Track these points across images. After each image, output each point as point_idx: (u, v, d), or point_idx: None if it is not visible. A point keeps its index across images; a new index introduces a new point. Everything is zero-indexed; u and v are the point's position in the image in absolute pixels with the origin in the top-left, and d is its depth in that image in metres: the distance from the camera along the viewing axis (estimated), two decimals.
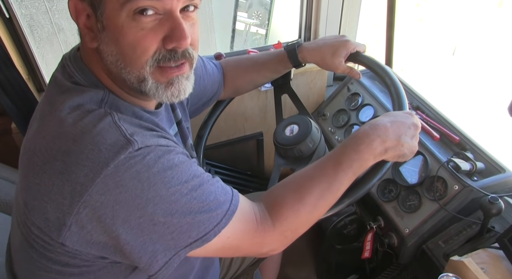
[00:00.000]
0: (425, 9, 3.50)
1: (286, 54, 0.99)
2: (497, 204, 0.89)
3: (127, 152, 0.53)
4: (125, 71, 0.59)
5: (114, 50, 0.58)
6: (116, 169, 0.52)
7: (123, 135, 0.54)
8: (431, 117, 1.24)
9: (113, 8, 0.55)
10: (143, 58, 0.58)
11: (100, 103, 0.59)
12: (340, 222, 1.24)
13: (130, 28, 0.56)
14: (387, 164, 0.76)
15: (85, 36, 0.59)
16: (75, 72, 0.62)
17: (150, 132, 0.59)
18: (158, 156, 0.56)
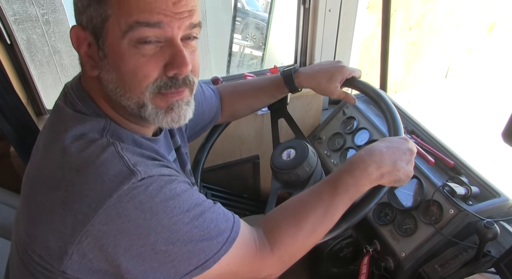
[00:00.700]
0: (417, 33, 3.58)
1: (283, 80, 1.01)
2: (493, 229, 0.90)
3: (130, 182, 0.53)
4: (125, 97, 0.60)
5: (114, 77, 0.59)
6: (119, 199, 0.53)
7: (126, 166, 0.55)
8: (426, 141, 1.26)
9: (115, 36, 0.56)
10: (143, 84, 0.59)
11: (102, 132, 0.60)
12: (336, 245, 1.24)
13: (131, 55, 0.57)
14: (383, 188, 0.77)
15: (85, 65, 0.61)
16: (77, 101, 0.63)
17: (152, 162, 0.60)
18: (160, 186, 0.56)
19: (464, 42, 3.85)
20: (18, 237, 0.61)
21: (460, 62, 4.01)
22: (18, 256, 0.61)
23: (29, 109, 1.24)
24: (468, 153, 1.33)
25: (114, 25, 0.55)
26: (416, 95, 3.92)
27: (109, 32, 0.56)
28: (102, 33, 0.57)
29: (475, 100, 3.78)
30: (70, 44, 0.61)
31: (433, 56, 3.83)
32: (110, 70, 0.59)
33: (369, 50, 3.45)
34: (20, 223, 0.60)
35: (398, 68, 3.73)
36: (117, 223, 0.53)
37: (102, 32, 0.57)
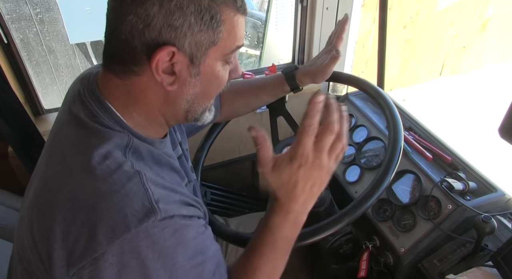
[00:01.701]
0: (412, 31, 3.60)
1: (284, 78, 1.01)
2: (490, 223, 0.91)
3: (150, 220, 0.54)
4: (198, 105, 0.67)
5: (199, 90, 0.64)
6: (136, 235, 0.53)
7: (149, 201, 0.55)
8: (424, 138, 1.27)
9: (215, 58, 0.62)
10: (219, 91, 0.69)
11: (125, 150, 0.60)
12: (336, 241, 1.24)
13: (222, 72, 0.66)
14: (383, 185, 0.79)
15: (162, 81, 0.60)
16: (99, 112, 0.62)
17: (174, 196, 0.60)
18: (175, 230, 0.57)
19: (458, 40, 3.87)
20: (22, 246, 0.60)
21: (454, 59, 4.03)
22: (21, 265, 0.61)
23: (27, 109, 1.24)
24: (465, 148, 1.35)
25: (219, 49, 0.62)
26: (411, 93, 3.95)
27: (210, 54, 0.61)
28: (202, 55, 0.61)
29: (471, 97, 3.81)
30: (64, 44, 0.60)
31: (428, 54, 3.86)
32: (198, 85, 0.64)
33: (364, 48, 3.46)
34: (27, 231, 0.59)
35: (393, 66, 3.75)
36: (126, 257, 0.53)
37: (203, 55, 0.61)
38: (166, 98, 0.64)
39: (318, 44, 1.50)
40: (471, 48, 4.02)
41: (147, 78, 0.60)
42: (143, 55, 0.58)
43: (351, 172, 1.31)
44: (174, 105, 0.65)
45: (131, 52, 0.58)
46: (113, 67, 0.62)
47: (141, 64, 0.59)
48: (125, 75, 0.61)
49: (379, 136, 1.29)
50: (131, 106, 0.64)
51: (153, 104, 0.64)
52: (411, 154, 1.19)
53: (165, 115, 0.67)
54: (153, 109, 0.65)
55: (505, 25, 4.01)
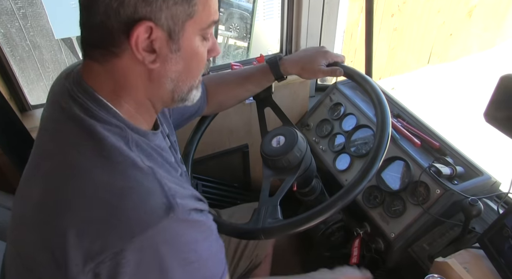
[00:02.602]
0: (399, 19, 3.61)
1: (268, 67, 1.02)
2: (477, 206, 0.93)
3: (169, 216, 0.55)
4: (183, 84, 0.67)
5: (181, 67, 0.64)
6: (157, 231, 0.53)
7: (166, 197, 0.56)
8: (412, 124, 1.29)
9: (193, 32, 0.62)
10: (201, 70, 0.69)
11: (129, 144, 0.60)
12: (327, 229, 1.26)
13: (201, 48, 0.65)
14: (372, 171, 0.80)
15: (144, 60, 0.59)
16: (92, 107, 0.61)
17: (184, 190, 0.61)
18: (191, 225, 0.59)
19: (445, 27, 3.89)
20: (25, 246, 0.59)
21: (442, 47, 4.06)
22: (22, 264, 0.60)
23: (12, 105, 1.22)
24: (452, 134, 1.36)
25: (195, 23, 0.61)
26: (400, 81, 3.97)
27: (187, 28, 0.61)
28: (180, 30, 0.60)
29: (458, 84, 3.85)
30: (50, 39, 0.59)
31: (416, 42, 3.87)
32: (180, 62, 0.63)
33: (352, 38, 3.47)
34: (32, 231, 0.58)
35: (382, 55, 3.76)
36: (146, 253, 0.53)
37: (181, 29, 0.60)
38: (149, 79, 0.63)
39: (305, 34, 1.50)
40: (457, 35, 4.04)
41: (128, 59, 0.60)
42: (121, 34, 0.57)
43: (341, 160, 1.33)
44: (158, 85, 0.64)
45: (108, 34, 0.57)
46: (93, 54, 0.61)
47: (120, 45, 0.58)
48: (106, 60, 0.60)
49: (368, 124, 1.30)
50: (118, 93, 0.63)
51: (138, 87, 0.63)
52: (399, 141, 1.20)
53: (151, 99, 0.67)
54: (139, 93, 0.64)
55: (490, 12, 4.04)
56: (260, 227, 0.82)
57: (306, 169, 0.99)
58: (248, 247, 1.16)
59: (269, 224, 0.82)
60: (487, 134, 2.65)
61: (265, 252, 1.22)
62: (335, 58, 1.00)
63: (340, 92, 1.45)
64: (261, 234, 0.81)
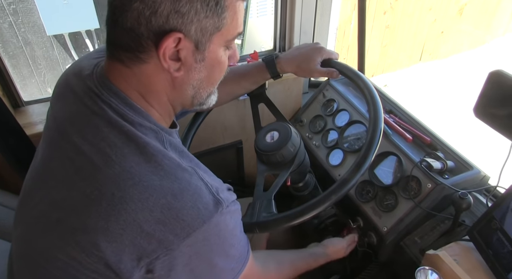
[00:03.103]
0: (391, 17, 3.64)
1: (265, 65, 1.03)
2: (467, 199, 0.95)
3: (218, 211, 0.59)
4: (203, 90, 0.69)
5: (203, 75, 0.66)
6: (209, 226, 0.58)
7: (212, 194, 0.60)
8: (404, 120, 1.31)
9: (218, 43, 0.64)
10: (222, 77, 0.72)
11: (166, 145, 0.63)
12: (321, 224, 1.27)
13: (224, 57, 0.67)
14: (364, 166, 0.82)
15: (169, 68, 0.61)
16: (124, 109, 0.61)
17: (221, 184, 0.66)
18: (233, 215, 0.65)
19: (436, 25, 3.93)
20: (49, 249, 0.58)
21: (433, 44, 4.10)
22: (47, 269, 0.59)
23: (5, 101, 1.22)
24: (444, 129, 1.38)
25: (222, 35, 0.63)
26: (392, 78, 4.00)
27: (214, 40, 0.62)
28: (207, 41, 0.62)
29: (450, 81, 3.89)
30: (41, 35, 0.60)
31: (408, 40, 3.91)
32: (203, 71, 0.65)
33: (345, 35, 3.49)
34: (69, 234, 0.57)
35: (374, 52, 3.79)
36: (198, 246, 0.59)
37: (207, 41, 0.62)
38: (173, 85, 0.65)
39: (298, 31, 1.51)
40: (449, 33, 4.09)
41: (154, 65, 0.61)
42: (149, 42, 0.58)
43: (334, 155, 1.34)
44: (180, 91, 0.66)
45: (137, 40, 0.58)
46: (120, 56, 0.61)
47: (147, 51, 0.59)
48: (133, 64, 0.61)
49: (360, 120, 1.32)
50: (145, 97, 0.64)
51: (162, 92, 0.65)
52: (391, 136, 1.22)
53: (172, 103, 0.68)
54: (162, 97, 0.66)
55: (480, 10, 4.09)
56: (255, 221, 0.83)
57: (299, 164, 1.00)
58: None
59: (263, 218, 0.83)
60: (477, 129, 2.69)
61: (259, 247, 1.23)
62: (329, 55, 1.02)
63: (333, 89, 1.46)
64: (256, 228, 0.83)
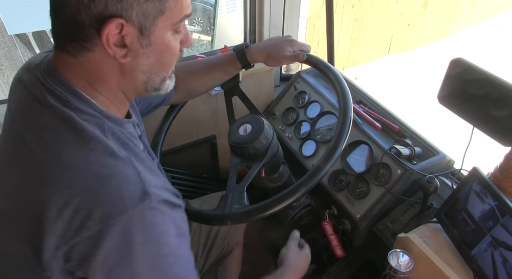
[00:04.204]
0: (359, 10, 3.71)
1: (235, 55, 1.03)
2: (434, 183, 0.99)
3: (144, 203, 0.56)
4: (156, 75, 0.68)
5: (152, 61, 0.65)
6: (131, 217, 0.55)
7: (142, 184, 0.58)
8: (373, 109, 1.34)
9: (164, 27, 0.63)
10: (174, 62, 0.70)
11: (106, 133, 0.61)
12: (296, 214, 1.29)
13: (174, 41, 0.66)
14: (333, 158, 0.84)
15: (115, 55, 0.60)
16: (67, 96, 0.61)
17: (158, 180, 0.63)
18: (163, 217, 0.59)
19: (403, 18, 4.03)
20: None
21: (401, 37, 4.20)
22: None
23: None
24: (411, 117, 1.43)
25: (167, 19, 0.62)
26: (362, 71, 4.08)
27: (158, 24, 0.61)
28: (151, 25, 0.60)
29: (417, 72, 4.00)
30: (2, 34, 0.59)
31: (376, 33, 3.99)
32: (151, 56, 0.64)
33: (315, 29, 3.53)
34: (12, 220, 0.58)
35: (344, 45, 3.85)
36: (118, 239, 0.54)
37: (152, 25, 0.60)
38: (122, 72, 0.64)
39: (268, 24, 1.52)
40: (414, 25, 4.20)
41: (100, 53, 0.60)
42: (92, 29, 0.57)
43: (307, 146, 1.36)
44: (131, 77, 0.65)
45: (80, 28, 0.57)
46: (65, 46, 0.61)
47: (91, 40, 0.59)
48: (79, 53, 0.60)
49: (331, 110, 1.35)
50: (93, 85, 0.64)
51: (111, 79, 0.64)
52: (361, 125, 1.25)
53: (124, 90, 0.68)
54: (112, 84, 0.65)
55: (443, 2, 4.22)
56: (227, 212, 0.84)
57: (273, 156, 1.01)
58: (219, 235, 1.18)
59: (235, 209, 0.84)
60: (443, 116, 2.79)
61: (236, 239, 1.24)
62: (300, 47, 1.03)
63: (304, 81, 1.49)
64: (227, 220, 0.83)
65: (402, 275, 0.90)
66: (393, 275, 0.91)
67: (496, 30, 4.74)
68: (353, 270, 1.46)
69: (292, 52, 1.01)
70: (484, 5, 4.63)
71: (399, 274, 0.90)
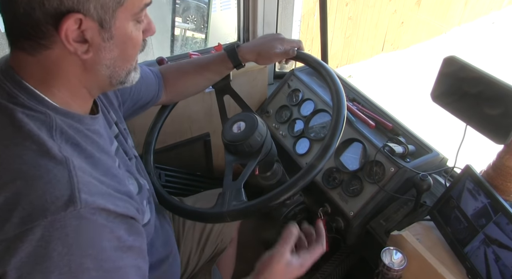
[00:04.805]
0: (353, 8, 3.71)
1: (226, 55, 1.03)
2: (427, 180, 0.99)
3: (67, 210, 0.51)
4: (120, 69, 0.65)
5: (116, 54, 0.63)
6: (51, 223, 0.50)
7: (71, 190, 0.53)
8: (366, 107, 1.34)
9: (125, 18, 0.60)
10: (137, 53, 0.67)
11: (51, 132, 0.58)
12: (290, 212, 1.29)
13: (135, 32, 0.64)
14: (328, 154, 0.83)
15: (76, 51, 0.58)
16: (16, 92, 0.58)
17: (100, 186, 0.58)
18: (94, 227, 0.54)
19: (396, 16, 4.04)
20: None
21: (394, 35, 4.21)
22: None
23: None
24: (405, 115, 1.43)
25: (127, 10, 0.60)
26: (356, 69, 4.09)
27: (119, 16, 0.59)
28: (111, 18, 0.58)
29: (411, 70, 4.02)
30: None
31: (370, 31, 4.00)
32: (114, 49, 0.62)
33: (309, 27, 3.53)
34: None
35: (338, 43, 3.86)
36: (35, 245, 0.50)
37: (112, 17, 0.58)
38: (84, 68, 0.62)
39: (261, 22, 1.51)
40: (408, 23, 4.21)
41: (59, 50, 0.58)
42: (49, 26, 0.55)
43: (301, 144, 1.36)
44: (94, 73, 0.63)
45: (35, 26, 0.55)
46: (22, 45, 0.58)
47: (49, 37, 0.56)
48: (36, 51, 0.58)
49: (325, 108, 1.35)
50: (50, 82, 0.61)
51: (72, 76, 0.62)
52: (355, 123, 1.25)
53: (87, 86, 0.65)
54: (73, 81, 0.62)
55: (437, 1, 4.24)
56: (225, 210, 0.84)
57: (267, 153, 1.01)
58: (213, 233, 1.18)
59: (234, 206, 0.84)
60: (436, 114, 2.80)
61: (230, 237, 1.24)
62: (291, 44, 1.02)
63: (297, 79, 1.48)
64: (226, 217, 0.83)
65: (395, 272, 0.90)
66: (386, 273, 0.91)
67: (489, 28, 4.77)
68: (347, 267, 1.46)
69: (282, 50, 1.01)
70: (477, 3, 4.66)
71: (392, 272, 0.90)
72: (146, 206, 0.77)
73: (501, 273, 0.79)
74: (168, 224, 0.99)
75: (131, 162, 0.82)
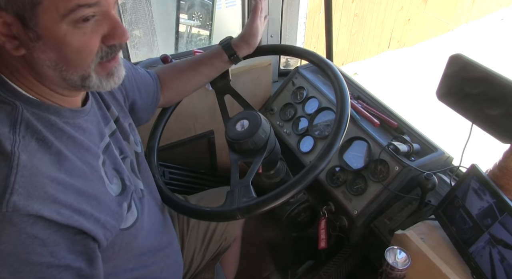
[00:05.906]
0: (359, 5, 3.69)
1: (221, 47, 1.03)
2: (432, 180, 0.98)
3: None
4: (68, 73, 0.61)
5: (53, 56, 0.58)
6: None
7: (2, 189, 0.50)
8: (371, 105, 1.33)
9: (52, 19, 0.55)
10: (89, 59, 0.61)
11: (15, 125, 0.56)
12: (293, 210, 1.29)
13: (74, 36, 0.57)
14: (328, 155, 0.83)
15: (4, 44, 0.56)
16: None
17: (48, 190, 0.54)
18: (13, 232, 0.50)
19: (403, 12, 4.01)
20: None
21: (401, 32, 4.18)
22: None
23: None
24: (411, 113, 1.42)
25: (50, 10, 0.54)
26: (362, 66, 4.07)
27: (42, 15, 0.54)
28: (32, 17, 0.54)
29: (417, 68, 3.99)
30: None
31: (376, 28, 3.97)
32: (47, 51, 0.57)
33: (314, 24, 3.51)
34: None
35: (344, 41, 3.83)
36: None
37: (33, 16, 0.54)
38: (26, 64, 0.60)
39: (266, 20, 1.50)
40: (415, 20, 4.18)
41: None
42: None
43: (305, 142, 1.36)
44: (41, 71, 0.60)
45: None
46: None
47: None
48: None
49: (329, 106, 1.34)
50: (21, 73, 0.60)
51: (31, 71, 0.60)
52: (359, 121, 1.24)
53: (54, 82, 0.62)
54: (45, 75, 0.61)
55: None
56: (236, 207, 0.83)
57: (271, 150, 1.01)
58: (217, 231, 1.18)
59: (244, 203, 0.83)
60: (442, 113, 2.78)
61: (234, 235, 1.24)
62: None
63: (302, 76, 1.48)
64: (237, 214, 0.83)
65: (399, 272, 0.90)
66: (390, 272, 0.91)
67: (498, 25, 4.72)
68: (350, 266, 1.46)
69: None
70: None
71: (396, 271, 0.90)
72: (131, 208, 0.73)
73: (506, 273, 0.78)
74: (168, 224, 0.99)
75: (125, 161, 0.80)
